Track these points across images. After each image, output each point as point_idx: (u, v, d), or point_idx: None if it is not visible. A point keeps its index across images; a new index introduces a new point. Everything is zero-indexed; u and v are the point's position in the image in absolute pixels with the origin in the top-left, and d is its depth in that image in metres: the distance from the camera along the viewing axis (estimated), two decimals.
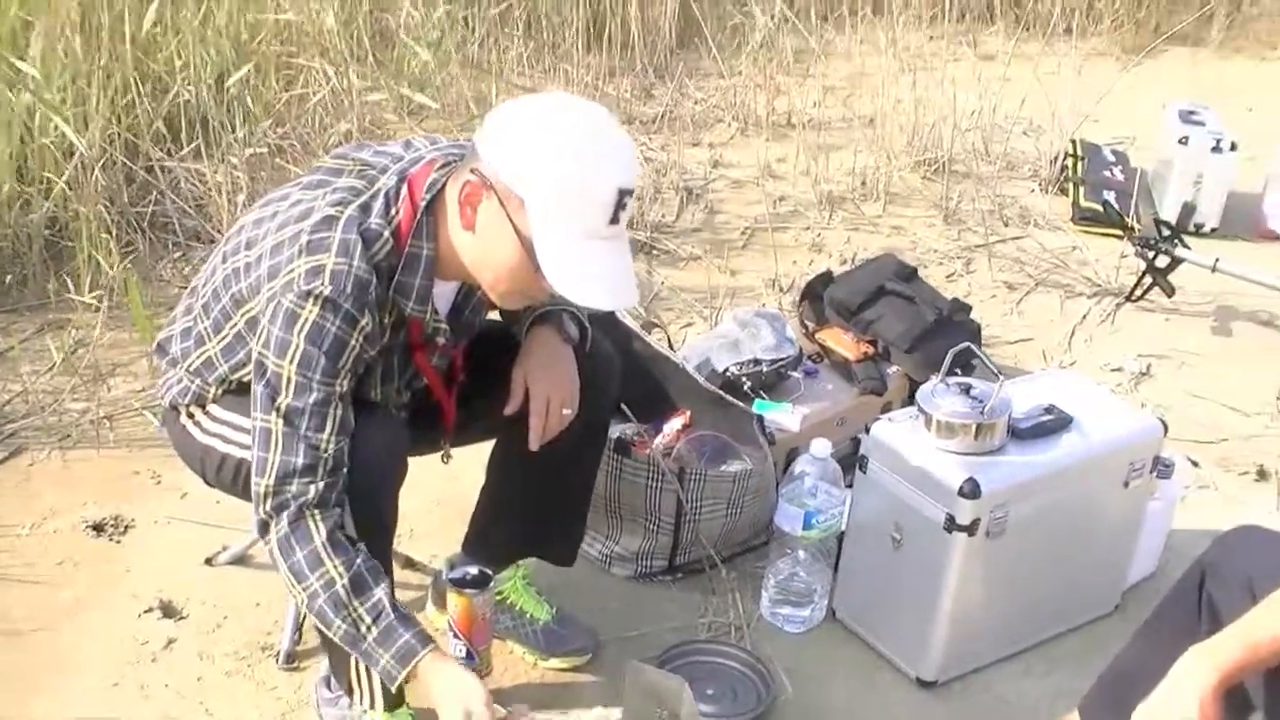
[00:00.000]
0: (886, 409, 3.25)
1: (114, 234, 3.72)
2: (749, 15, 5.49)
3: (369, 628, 2.00)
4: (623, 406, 2.79)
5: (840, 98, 5.61)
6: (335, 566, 1.99)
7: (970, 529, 2.47)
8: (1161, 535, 2.97)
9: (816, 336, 3.37)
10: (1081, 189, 4.74)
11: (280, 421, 1.99)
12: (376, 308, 2.03)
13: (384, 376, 2.18)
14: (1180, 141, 4.63)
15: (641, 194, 4.45)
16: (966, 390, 2.58)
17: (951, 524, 2.48)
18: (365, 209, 2.04)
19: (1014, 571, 2.60)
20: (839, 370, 3.28)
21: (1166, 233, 4.02)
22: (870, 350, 3.30)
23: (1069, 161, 4.93)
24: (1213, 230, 4.65)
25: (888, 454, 2.59)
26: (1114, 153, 5.03)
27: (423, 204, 2.05)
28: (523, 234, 1.95)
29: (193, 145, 3.99)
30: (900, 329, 3.33)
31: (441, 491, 2.88)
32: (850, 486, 2.70)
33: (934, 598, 2.57)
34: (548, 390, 2.28)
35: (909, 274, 3.53)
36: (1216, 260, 3.99)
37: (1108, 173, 4.85)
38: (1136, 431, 2.72)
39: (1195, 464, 3.33)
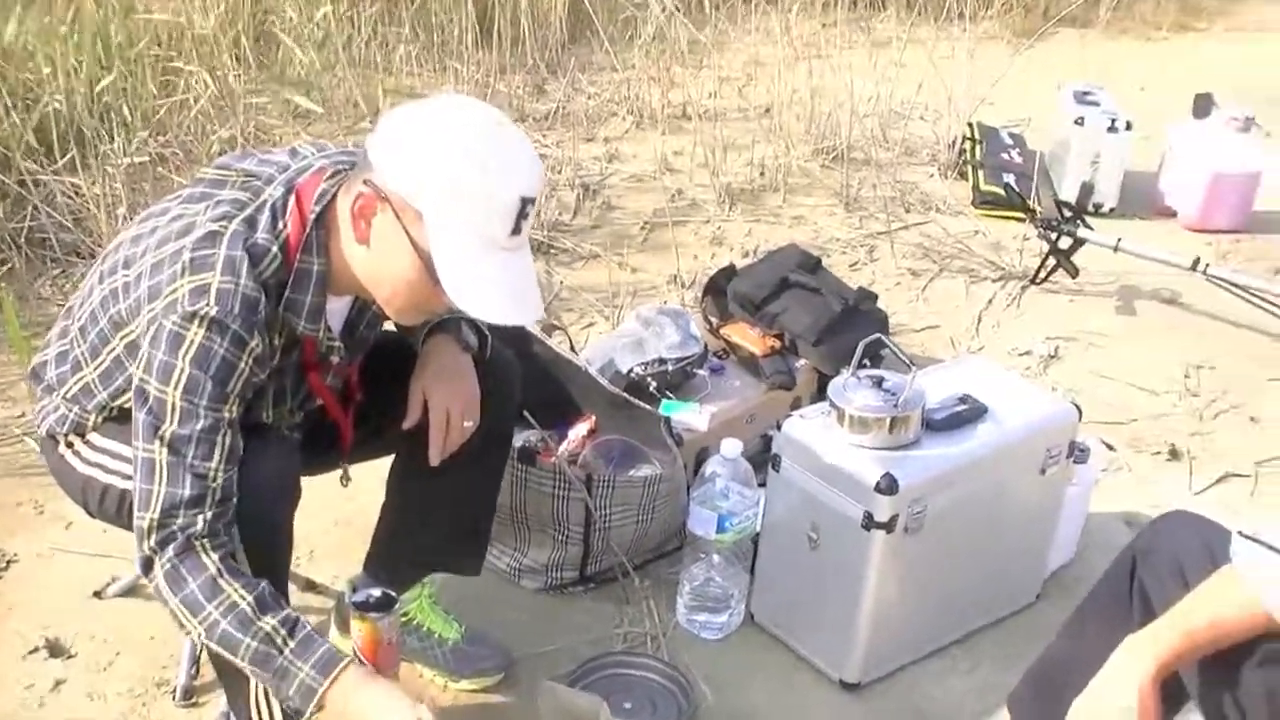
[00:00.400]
0: (796, 404, 3.19)
1: None
2: (642, 7, 5.41)
3: (284, 639, 1.87)
4: (525, 413, 2.69)
5: (736, 88, 5.55)
6: (235, 590, 1.86)
7: (888, 526, 2.41)
8: (1079, 521, 2.93)
9: (721, 332, 3.29)
10: (981, 172, 4.72)
11: (165, 451, 1.86)
12: (266, 328, 1.91)
13: (276, 398, 2.07)
14: (1076, 122, 4.63)
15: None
16: (879, 383, 2.51)
17: (869, 521, 2.41)
18: (251, 223, 1.92)
19: (934, 567, 2.54)
20: (746, 366, 3.21)
21: (1069, 214, 4.00)
22: (777, 344, 3.22)
23: (967, 145, 4.91)
24: (1111, 210, 4.66)
25: (801, 452, 2.52)
26: (1011, 135, 5.02)
27: (312, 216, 1.94)
28: (420, 247, 1.84)
29: (67, 157, 3.82)
30: (806, 321, 3.26)
31: (340, 510, 2.77)
32: (763, 485, 2.62)
33: (854, 597, 2.50)
34: (447, 402, 2.18)
35: (813, 264, 3.47)
36: (1119, 240, 3.97)
37: (1006, 155, 4.84)
38: (1051, 417, 2.67)
39: (1110, 447, 3.31)
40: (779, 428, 2.57)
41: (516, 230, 1.85)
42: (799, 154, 4.84)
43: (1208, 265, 3.86)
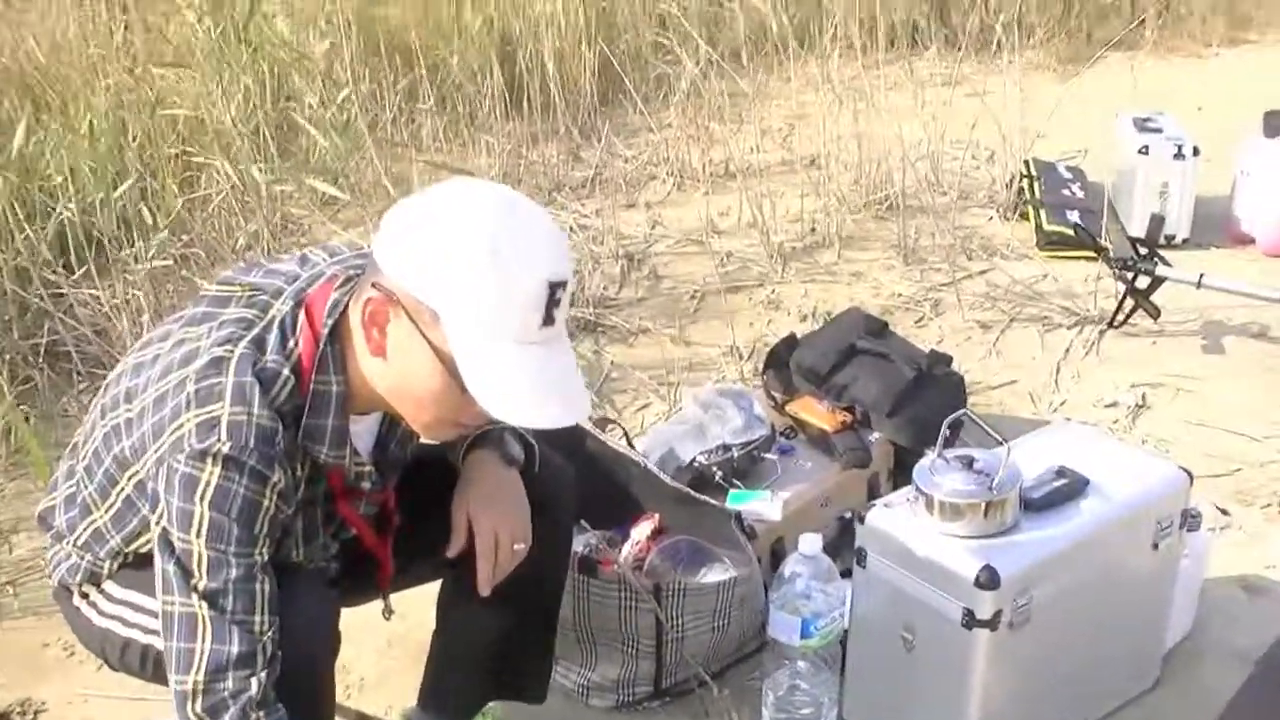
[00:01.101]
0: (873, 481, 2.96)
1: (4, 371, 3.37)
2: (674, 63, 5.22)
3: None
4: (581, 520, 2.47)
5: (778, 140, 5.34)
6: None
7: (992, 623, 2.16)
8: (1195, 592, 2.68)
9: (787, 409, 3.06)
10: (1043, 212, 4.47)
11: (204, 605, 1.67)
12: (286, 459, 1.71)
13: (306, 535, 1.87)
14: (1141, 151, 4.38)
15: (580, 266, 4.15)
16: (969, 464, 2.27)
17: (970, 619, 2.17)
18: (259, 344, 1.73)
19: (1041, 662, 2.29)
20: (817, 444, 2.97)
21: (1144, 251, 3.75)
22: (848, 418, 2.99)
23: (1025, 184, 4.67)
24: (1184, 240, 4.40)
25: (888, 545, 2.29)
26: (1069, 169, 4.78)
27: (325, 331, 1.74)
28: (442, 352, 1.65)
29: (85, 266, 3.65)
30: (878, 391, 3.02)
31: (389, 631, 2.54)
32: (846, 575, 2.39)
33: (957, 701, 2.26)
34: (494, 525, 1.97)
35: (879, 328, 3.23)
36: (1201, 276, 3.72)
37: (1067, 191, 4.59)
38: (1160, 485, 2.42)
39: (1224, 511, 3.05)
40: (858, 516, 2.34)
41: (549, 320, 1.65)
42: (850, 205, 4.61)
43: None
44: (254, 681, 1.67)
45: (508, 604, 2.07)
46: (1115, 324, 3.82)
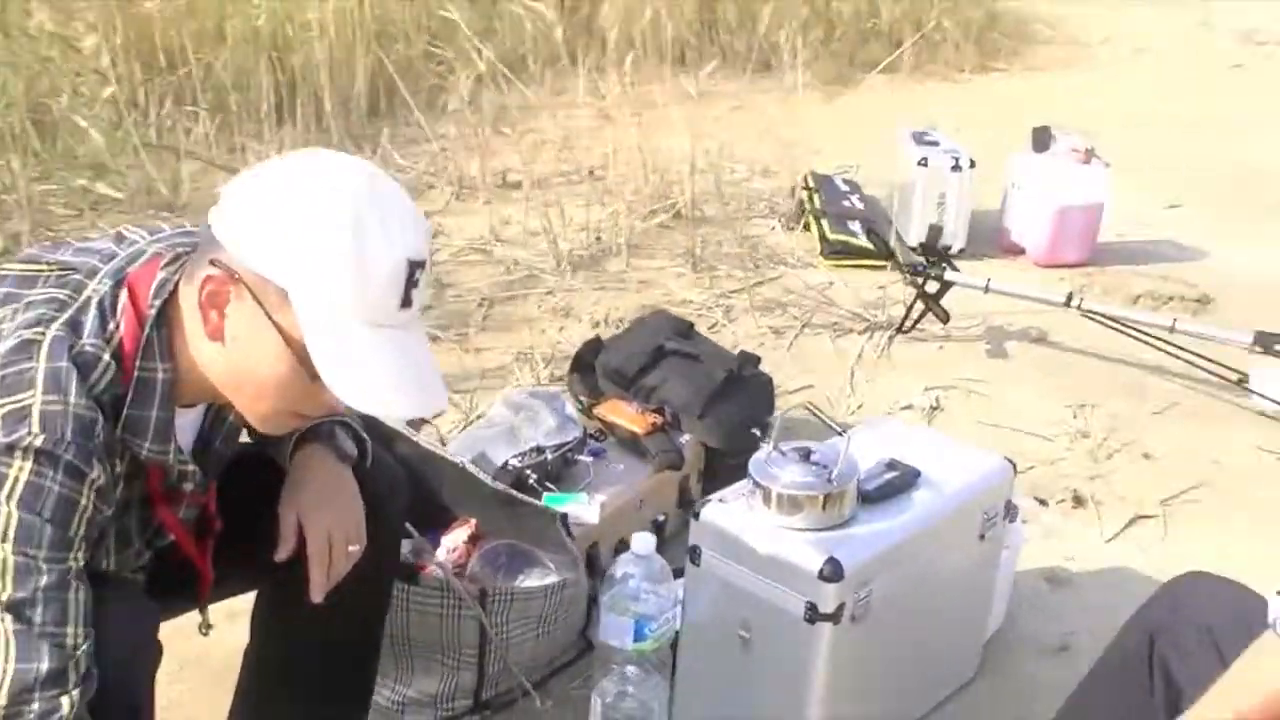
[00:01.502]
0: (684, 483, 2.90)
1: None
2: (447, 74, 5.08)
3: None
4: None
5: (556, 152, 5.26)
6: None
7: (835, 617, 2.11)
8: (1008, 584, 2.69)
9: (595, 412, 2.96)
10: (825, 222, 4.51)
11: (8, 618, 1.46)
12: (105, 453, 1.53)
13: (119, 542, 1.67)
14: (920, 163, 4.47)
15: None
16: (806, 456, 2.23)
17: (814, 614, 2.11)
18: (74, 326, 1.54)
19: (880, 655, 2.26)
20: (627, 447, 2.88)
21: (934, 257, 3.80)
22: (658, 420, 2.92)
23: (805, 195, 4.71)
24: (960, 251, 4.49)
25: (724, 541, 2.21)
26: (846, 182, 4.84)
27: (151, 313, 1.56)
28: (290, 335, 1.50)
29: None
30: (688, 393, 2.96)
31: (191, 649, 2.34)
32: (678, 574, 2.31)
33: (796, 699, 2.19)
34: (328, 527, 1.80)
35: (686, 329, 3.18)
36: (989, 280, 3.79)
37: (846, 203, 4.65)
38: (986, 476, 2.43)
39: (1043, 502, 3.09)
40: (697, 516, 2.26)
41: (406, 302, 1.52)
42: (636, 214, 4.56)
43: (1081, 300, 3.70)
44: (64, 701, 1.46)
45: (333, 617, 1.90)
46: (905, 329, 3.86)
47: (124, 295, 1.57)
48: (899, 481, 2.30)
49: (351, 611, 1.95)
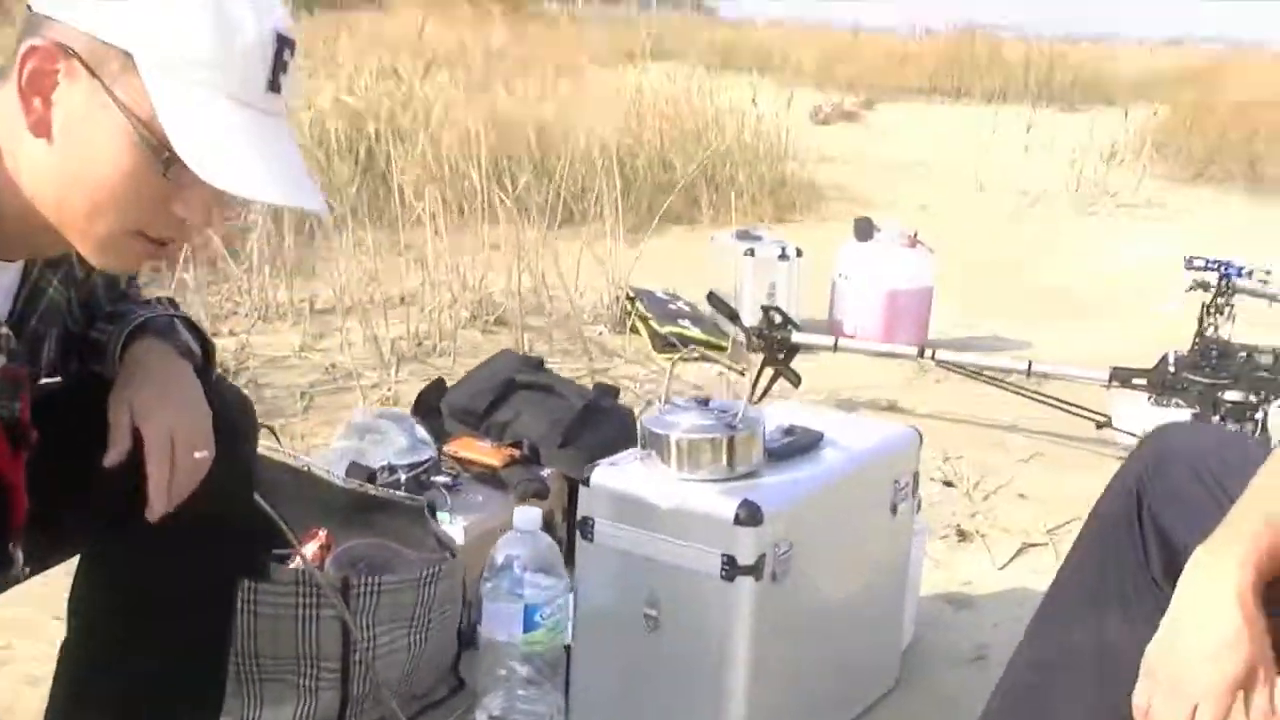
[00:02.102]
0: (549, 517, 2.60)
1: None
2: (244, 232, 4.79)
3: None
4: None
5: (365, 284, 4.98)
6: None
7: (755, 570, 1.86)
8: (915, 593, 2.47)
9: (445, 451, 2.67)
10: (652, 322, 4.35)
11: None
12: None
13: None
14: (747, 254, 4.39)
15: None
16: (704, 403, 2.00)
17: (732, 567, 1.86)
18: None
19: (805, 629, 2.01)
20: (485, 481, 2.60)
21: (779, 319, 3.66)
22: (515, 453, 2.64)
23: (628, 304, 4.56)
24: None
25: (621, 505, 1.96)
26: (665, 292, 4.71)
27: None
28: (136, 111, 1.21)
29: None
30: (545, 424, 2.71)
31: None
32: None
33: (717, 678, 1.92)
34: (169, 425, 1.47)
35: (536, 363, 2.94)
36: (836, 340, 3.66)
37: (671, 306, 4.52)
38: (892, 441, 2.23)
39: (949, 484, 2.90)
40: (586, 483, 2.00)
41: (274, 85, 1.26)
42: (458, 322, 4.32)
43: (934, 351, 3.58)
44: None
45: (174, 576, 1.59)
46: (756, 399, 3.68)
47: None
48: (803, 441, 2.09)
49: (197, 572, 1.61)
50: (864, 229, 4.47)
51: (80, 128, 1.23)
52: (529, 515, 1.99)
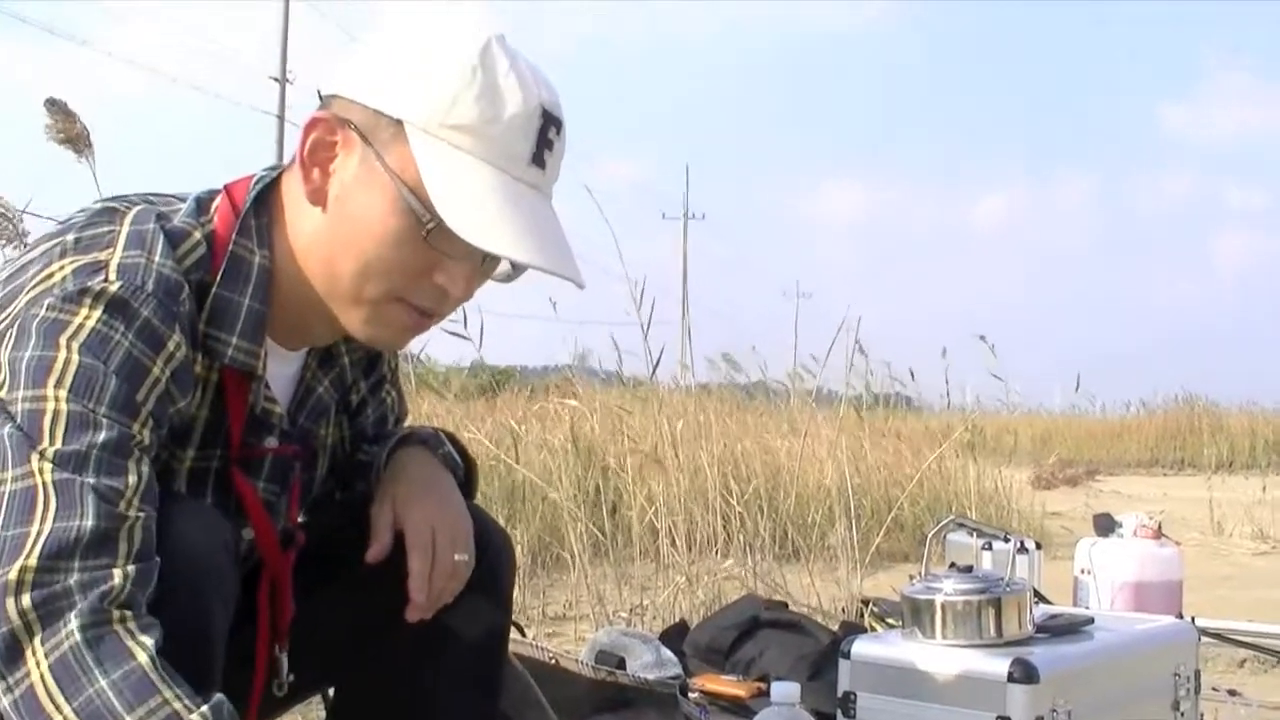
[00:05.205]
0: None
1: None
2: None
3: None
4: None
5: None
6: (176, 698, 1.10)
7: None
8: None
9: (691, 685, 2.61)
10: (889, 619, 4.24)
11: (50, 470, 1.14)
12: (190, 334, 1.27)
13: (191, 488, 1.37)
14: (984, 547, 4.25)
15: None
16: (966, 570, 1.94)
17: None
18: (162, 215, 1.33)
19: None
20: (733, 713, 2.52)
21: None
22: (763, 686, 2.56)
23: (862, 606, 4.46)
24: None
25: (883, 675, 1.88)
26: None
27: (249, 199, 1.34)
28: (402, 174, 1.26)
29: None
30: (792, 659, 2.63)
31: None
32: None
33: None
34: (430, 520, 1.47)
35: (781, 605, 2.88)
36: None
37: None
38: (1169, 631, 2.12)
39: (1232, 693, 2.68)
40: (847, 655, 1.93)
41: (539, 160, 1.29)
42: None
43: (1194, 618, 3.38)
44: (116, 573, 1.12)
45: (430, 712, 1.57)
46: None
47: (220, 196, 1.37)
48: (1074, 620, 2.00)
49: (457, 699, 1.59)
50: (1104, 524, 4.31)
51: (351, 194, 1.29)
52: (787, 689, 1.91)
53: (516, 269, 1.38)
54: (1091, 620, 2.01)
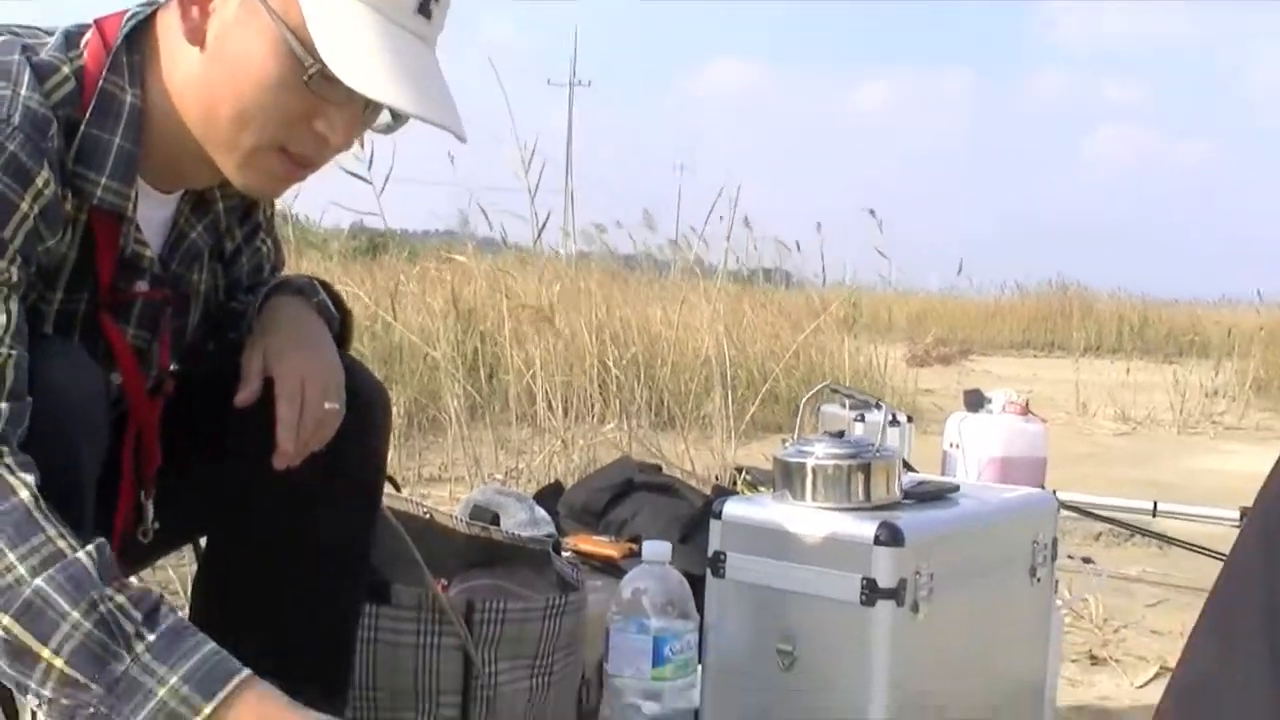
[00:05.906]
0: None
1: None
2: None
3: (140, 627, 1.11)
4: None
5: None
6: (60, 536, 1.11)
7: (896, 594, 1.78)
8: (1055, 675, 2.34)
9: (563, 545, 2.62)
10: (762, 487, 4.30)
11: None
12: (59, 171, 1.23)
13: (58, 331, 1.34)
14: (857, 419, 4.31)
15: None
16: (838, 435, 1.97)
17: (872, 591, 1.78)
18: (29, 48, 1.28)
19: (942, 675, 1.90)
20: (605, 572, 2.54)
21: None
22: (635, 547, 2.58)
23: (736, 474, 4.52)
24: None
25: (754, 535, 1.90)
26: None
27: (120, 36, 1.31)
28: (285, 17, 1.24)
29: None
30: (664, 521, 2.66)
31: None
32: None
33: (855, 711, 1.81)
34: (300, 369, 1.46)
35: (655, 467, 2.90)
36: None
37: None
38: (1029, 500, 2.16)
39: (1087, 560, 2.78)
40: (718, 515, 1.95)
41: (425, 8, 1.28)
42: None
43: (1055, 490, 3.48)
44: None
45: (301, 579, 1.57)
46: None
47: (91, 31, 1.32)
48: (940, 487, 2.03)
49: (322, 555, 1.59)
50: (974, 400, 4.40)
51: (231, 35, 1.26)
52: (658, 548, 1.93)
53: (397, 119, 1.36)
54: (957, 489, 2.05)
